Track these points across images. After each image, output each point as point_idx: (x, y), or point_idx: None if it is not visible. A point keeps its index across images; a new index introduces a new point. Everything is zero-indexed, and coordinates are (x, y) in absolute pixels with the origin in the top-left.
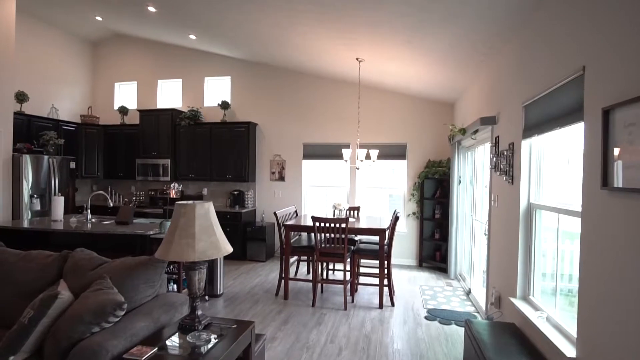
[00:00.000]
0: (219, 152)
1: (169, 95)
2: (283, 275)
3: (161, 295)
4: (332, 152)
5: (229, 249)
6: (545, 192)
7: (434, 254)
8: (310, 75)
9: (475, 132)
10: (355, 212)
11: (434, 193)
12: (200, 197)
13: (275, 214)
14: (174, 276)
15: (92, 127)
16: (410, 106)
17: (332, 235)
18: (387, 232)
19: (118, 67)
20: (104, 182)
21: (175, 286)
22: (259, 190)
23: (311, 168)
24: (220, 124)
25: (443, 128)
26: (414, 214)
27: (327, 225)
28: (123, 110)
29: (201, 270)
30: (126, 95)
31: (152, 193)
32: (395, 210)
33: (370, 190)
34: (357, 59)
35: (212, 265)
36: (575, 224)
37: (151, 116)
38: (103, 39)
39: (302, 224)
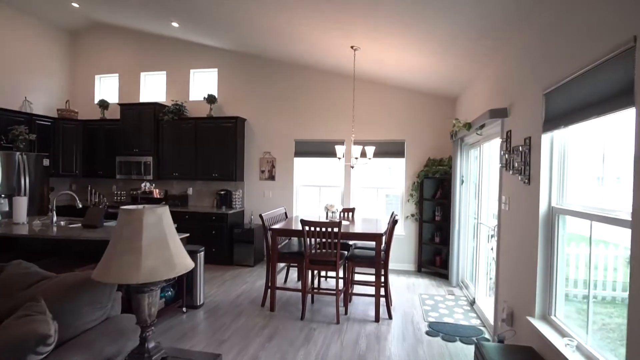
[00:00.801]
0: (204, 149)
1: (153, 88)
2: (269, 285)
3: (112, 319)
4: (325, 149)
5: (188, 264)
6: (571, 194)
7: (434, 259)
8: (302, 68)
9: (482, 127)
10: (350, 214)
11: (434, 193)
12: (185, 197)
13: (261, 216)
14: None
15: (70, 122)
16: (410, 101)
17: (324, 240)
18: (384, 237)
19: (99, 59)
20: (83, 180)
21: (170, 292)
22: (248, 190)
23: (303, 166)
24: (206, 119)
25: (444, 124)
26: (412, 215)
27: (318, 229)
28: (103, 105)
29: (152, 294)
30: (107, 89)
31: (134, 192)
32: (393, 213)
33: (366, 190)
34: (352, 47)
35: (191, 273)
36: (610, 232)
37: (132, 110)
38: (82, 29)
39: (292, 227)
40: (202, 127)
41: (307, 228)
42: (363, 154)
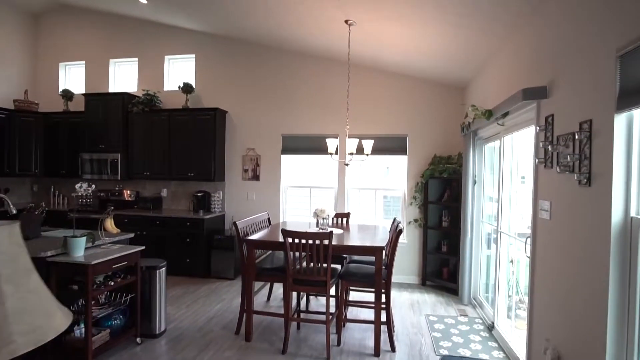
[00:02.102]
0: (180, 144)
1: (123, 78)
2: (245, 307)
3: None
4: (316, 145)
5: (55, 324)
6: None
7: (441, 271)
8: (291, 52)
9: (504, 115)
10: (344, 219)
11: (440, 196)
12: (158, 200)
13: (235, 225)
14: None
15: (29, 114)
16: (413, 90)
17: (311, 253)
18: (385, 251)
19: (64, 44)
20: (45, 180)
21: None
22: (229, 192)
23: (292, 165)
24: (181, 110)
25: (453, 116)
26: (416, 221)
27: (304, 242)
28: (67, 95)
29: None
30: (73, 78)
31: (102, 195)
32: (395, 220)
33: (362, 192)
34: (346, 21)
35: (149, 293)
36: None
37: (98, 102)
38: (46, 11)
39: (274, 237)
40: (177, 120)
41: (289, 240)
42: (360, 150)
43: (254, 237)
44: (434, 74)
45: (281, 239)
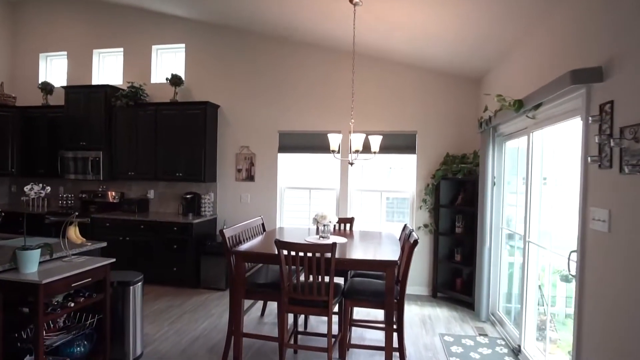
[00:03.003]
0: (167, 142)
1: (109, 69)
2: (233, 329)
3: None
4: (316, 143)
5: None
6: None
7: (453, 281)
8: (289, 42)
9: (537, 106)
10: (347, 225)
11: (453, 199)
12: (145, 202)
13: (222, 233)
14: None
15: (5, 108)
16: (422, 82)
17: (309, 265)
18: (399, 267)
19: (44, 34)
20: (23, 180)
21: (82, 347)
22: (221, 193)
23: (290, 164)
24: (169, 105)
25: (467, 111)
26: (425, 226)
27: (301, 254)
28: (46, 88)
29: None
30: (56, 70)
31: (84, 196)
32: (406, 228)
33: (366, 194)
34: (351, 0)
35: (121, 310)
36: None
37: (79, 95)
38: None
39: (269, 249)
40: (164, 116)
41: (284, 252)
42: (366, 148)
43: (244, 247)
44: (447, 64)
45: (276, 250)
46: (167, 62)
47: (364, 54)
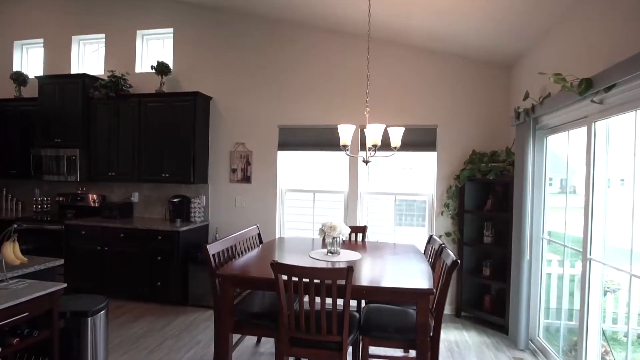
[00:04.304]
0: (152, 138)
1: (90, 59)
2: None
3: None
4: (322, 139)
5: None
6: None
7: (481, 299)
8: (291, 24)
9: (609, 88)
10: (360, 235)
11: (481, 203)
12: (128, 206)
13: (206, 249)
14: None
15: None
16: (444, 69)
17: (317, 293)
18: (433, 296)
19: (19, 19)
20: None
21: None
22: (213, 197)
23: (291, 164)
24: (154, 96)
25: (495, 102)
26: (448, 235)
27: (306, 280)
28: (18, 79)
29: None
30: (33, 60)
31: (62, 199)
32: (433, 240)
33: (377, 197)
34: None
35: (77, 347)
36: None
37: (54, 85)
38: None
39: (266, 271)
40: (149, 108)
41: (284, 278)
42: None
43: (234, 266)
44: (474, 48)
45: (271, 274)
46: (154, 50)
47: (377, 38)
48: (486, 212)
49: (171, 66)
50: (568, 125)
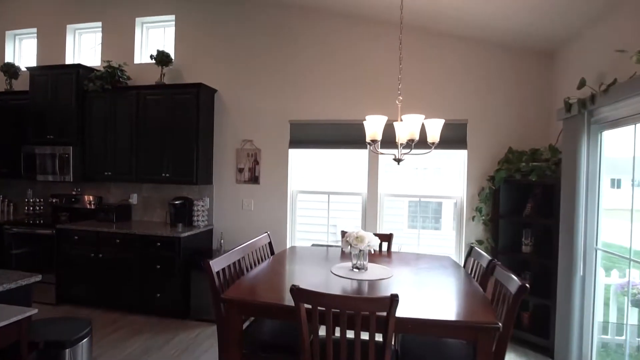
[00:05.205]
0: (151, 134)
1: (86, 50)
2: None
3: None
4: (339, 135)
5: None
6: None
7: (518, 316)
8: (306, 9)
9: None
10: (385, 245)
11: (518, 208)
12: (126, 209)
13: (209, 266)
14: None
15: None
16: (476, 58)
17: (350, 326)
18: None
19: (10, 6)
20: None
21: None
22: (218, 199)
23: (303, 163)
24: (154, 88)
25: (535, 95)
26: (480, 242)
27: (336, 310)
28: (9, 70)
29: None
30: (26, 52)
31: (55, 201)
32: (479, 255)
33: (399, 200)
34: None
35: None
36: None
37: (46, 76)
38: None
39: (281, 294)
40: (148, 102)
41: (305, 306)
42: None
43: (243, 287)
44: (511, 33)
45: (290, 300)
46: (155, 40)
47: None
48: (525, 218)
49: (172, 56)
50: (636, 118)
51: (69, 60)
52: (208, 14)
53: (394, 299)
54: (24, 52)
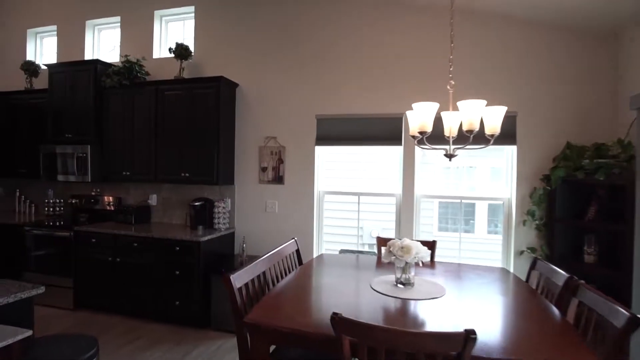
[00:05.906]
0: (170, 131)
1: (105, 46)
2: None
3: None
4: (371, 131)
5: None
6: None
7: None
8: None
9: None
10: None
11: (578, 211)
12: (146, 210)
13: (229, 282)
14: None
15: None
16: (526, 41)
17: None
18: None
19: (31, 5)
20: (6, 182)
21: None
22: (240, 200)
23: (331, 161)
24: (172, 82)
25: (596, 83)
26: (532, 250)
27: (389, 346)
28: (29, 69)
29: None
30: (48, 50)
31: (75, 202)
32: (542, 265)
33: (437, 202)
34: None
35: None
36: None
37: (64, 73)
38: None
39: (310, 320)
40: (167, 97)
41: (347, 340)
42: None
43: (268, 308)
44: (566, 10)
45: (328, 326)
46: (174, 33)
47: (441, 3)
48: (587, 223)
49: (192, 50)
50: None
51: (88, 57)
52: (230, 4)
53: (469, 336)
54: (45, 51)
